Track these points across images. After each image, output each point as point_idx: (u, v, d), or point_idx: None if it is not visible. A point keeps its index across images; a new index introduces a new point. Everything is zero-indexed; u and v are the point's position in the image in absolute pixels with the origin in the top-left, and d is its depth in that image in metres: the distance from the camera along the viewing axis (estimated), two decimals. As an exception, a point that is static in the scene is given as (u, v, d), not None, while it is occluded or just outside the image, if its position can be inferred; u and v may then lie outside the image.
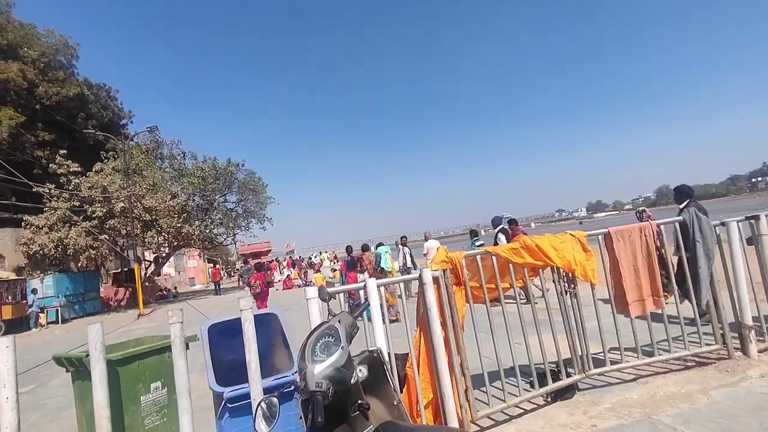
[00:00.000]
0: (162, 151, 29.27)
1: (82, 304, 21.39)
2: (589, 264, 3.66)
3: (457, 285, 3.39)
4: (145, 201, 22.51)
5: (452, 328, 3.24)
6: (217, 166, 27.97)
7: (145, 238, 24.32)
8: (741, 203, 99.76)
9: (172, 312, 2.73)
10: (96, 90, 30.10)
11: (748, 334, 3.83)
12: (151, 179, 23.72)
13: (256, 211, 31.31)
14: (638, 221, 8.48)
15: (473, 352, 3.55)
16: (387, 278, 9.63)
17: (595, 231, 3.95)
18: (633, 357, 3.95)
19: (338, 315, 2.08)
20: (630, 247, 3.74)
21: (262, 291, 12.69)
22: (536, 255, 3.52)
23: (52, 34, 27.75)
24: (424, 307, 3.15)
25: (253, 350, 2.76)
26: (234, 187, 30.13)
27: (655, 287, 3.72)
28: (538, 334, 3.68)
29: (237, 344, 3.21)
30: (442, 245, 12.25)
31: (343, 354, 1.85)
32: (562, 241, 3.63)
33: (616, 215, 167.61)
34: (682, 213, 3.99)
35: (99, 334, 2.50)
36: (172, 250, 27.91)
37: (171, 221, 23.70)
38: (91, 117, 27.93)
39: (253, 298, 12.83)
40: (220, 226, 29.38)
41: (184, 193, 26.06)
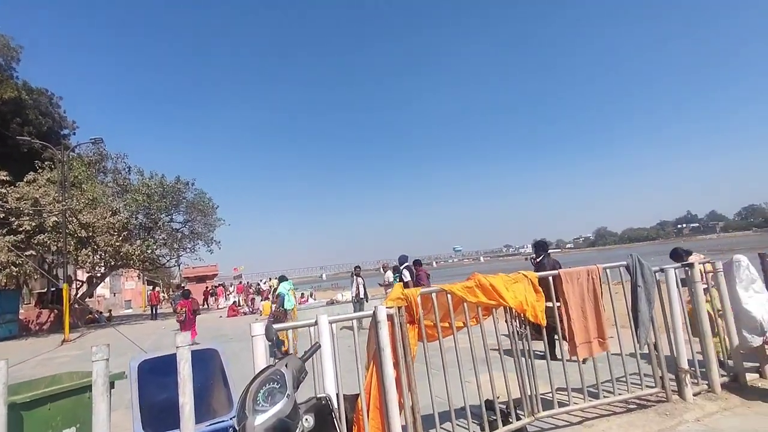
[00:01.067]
0: (106, 165, 27.61)
1: (-6, 327, 19.18)
2: (539, 305, 3.71)
3: (411, 323, 3.31)
4: (82, 216, 20.92)
5: (405, 368, 3.13)
6: (165, 184, 26.67)
7: (78, 257, 22.44)
8: (669, 247, 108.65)
9: (97, 347, 2.43)
10: (36, 95, 28.15)
11: (684, 377, 4.00)
12: (91, 193, 22.17)
13: (204, 233, 29.98)
14: (532, 265, 9.14)
15: (424, 391, 3.46)
16: (288, 322, 9.77)
17: (546, 272, 4.05)
18: (580, 398, 4.01)
19: (286, 358, 1.92)
20: (578, 288, 3.84)
21: (187, 318, 12.57)
22: (490, 294, 3.52)
23: (-9, 34, 25.96)
24: (377, 346, 3.03)
25: (187, 392, 2.51)
26: (182, 207, 28.78)
27: (601, 329, 3.83)
28: (489, 372, 3.66)
29: (170, 383, 2.91)
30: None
31: (288, 403, 1.69)
32: (515, 281, 3.68)
33: (559, 253, 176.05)
34: (626, 258, 4.18)
35: (1, 374, 2.16)
36: (108, 270, 25.93)
37: (109, 239, 22.10)
38: (28, 123, 25.96)
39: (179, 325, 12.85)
40: (164, 246, 27.75)
41: (127, 210, 24.53)
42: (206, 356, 3.29)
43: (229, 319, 19.97)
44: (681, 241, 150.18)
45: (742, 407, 3.94)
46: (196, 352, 3.07)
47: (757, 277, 4.52)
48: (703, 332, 4.23)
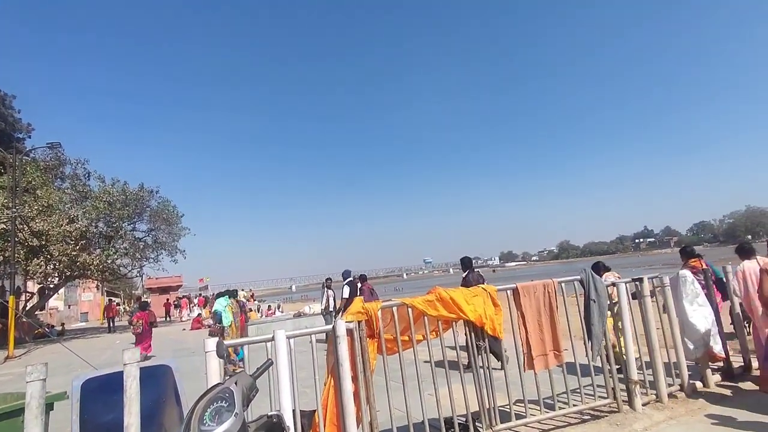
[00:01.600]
0: (64, 170, 26.40)
1: (-69, 343, 17.78)
2: (498, 318, 3.80)
3: (371, 337, 3.31)
4: (35, 224, 19.84)
5: (364, 382, 3.12)
6: (128, 191, 25.72)
7: (28, 267, 21.21)
8: (628, 260, 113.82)
9: (32, 366, 2.31)
10: (-11, 96, 26.84)
11: (634, 388, 4.16)
12: (46, 200, 21.10)
13: (168, 243, 28.99)
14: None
15: (383, 405, 3.46)
16: (231, 339, 9.79)
17: (504, 286, 4.15)
18: (536, 410, 4.10)
19: (236, 375, 1.89)
20: (535, 302, 3.95)
21: (144, 331, 12.39)
22: (450, 308, 3.58)
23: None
24: (336, 361, 3.01)
25: (134, 412, 2.41)
26: (145, 215, 27.80)
27: (556, 342, 3.94)
28: (448, 386, 3.70)
29: (117, 402, 2.79)
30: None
31: (236, 422, 1.66)
32: (475, 294, 3.75)
33: (524, 265, 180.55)
34: (580, 273, 4.34)
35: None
36: (63, 280, 24.62)
37: (65, 248, 21.02)
38: (-21, 125, 24.68)
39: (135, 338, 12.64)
40: (125, 256, 26.63)
41: (86, 218, 23.46)
42: (158, 373, 3.17)
43: (193, 332, 19.32)
44: (638, 255, 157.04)
45: (687, 415, 4.13)
46: (147, 369, 2.97)
47: (700, 292, 4.78)
48: (652, 344, 4.42)
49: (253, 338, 2.97)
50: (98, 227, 25.25)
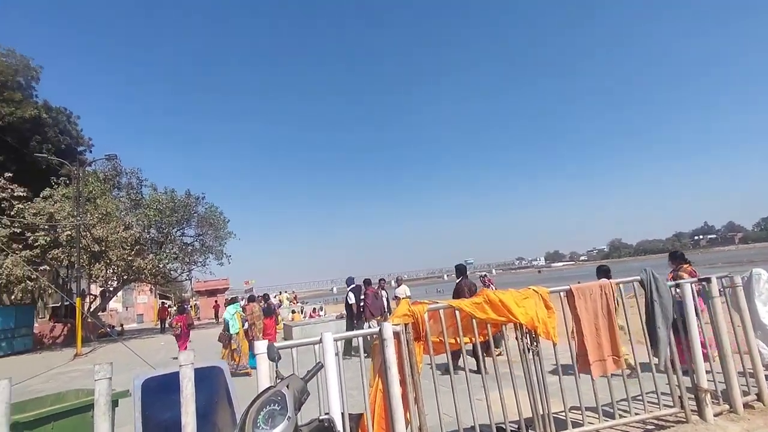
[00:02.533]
0: (120, 180, 28.11)
1: (10, 341, 19.38)
2: (551, 322, 3.62)
3: (417, 340, 3.24)
4: (96, 231, 21.24)
5: (412, 386, 3.06)
6: (175, 198, 27.01)
7: (91, 271, 22.73)
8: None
9: (99, 365, 2.41)
10: (55, 114, 28.92)
11: (704, 397, 3.84)
12: (105, 208, 22.55)
13: (215, 247, 30.16)
14: (483, 285, 9.31)
15: (432, 408, 3.37)
16: (233, 346, 9.97)
17: (557, 287, 3.95)
18: (594, 418, 3.87)
19: (287, 378, 1.88)
20: (591, 305, 3.73)
21: (182, 332, 13.17)
22: (499, 311, 3.44)
23: (12, 54, 26.81)
24: (384, 364, 2.97)
25: (190, 411, 2.47)
26: (192, 221, 29.07)
27: (615, 347, 3.70)
28: (499, 390, 3.56)
29: (175, 401, 2.88)
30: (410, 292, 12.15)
31: (289, 425, 1.65)
32: (525, 296, 3.59)
33: (572, 265, 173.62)
34: (640, 273, 4.07)
35: (4, 393, 2.15)
36: (121, 284, 26.20)
37: (122, 253, 22.36)
38: (47, 141, 26.64)
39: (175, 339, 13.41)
40: (175, 260, 27.98)
41: (139, 225, 24.85)
42: (211, 374, 3.25)
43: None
44: (698, 253, 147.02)
45: (766, 428, 3.77)
46: (200, 370, 3.04)
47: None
48: (724, 349, 4.07)
49: (301, 341, 2.97)
50: (150, 233, 26.66)
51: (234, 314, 10.68)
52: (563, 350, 3.92)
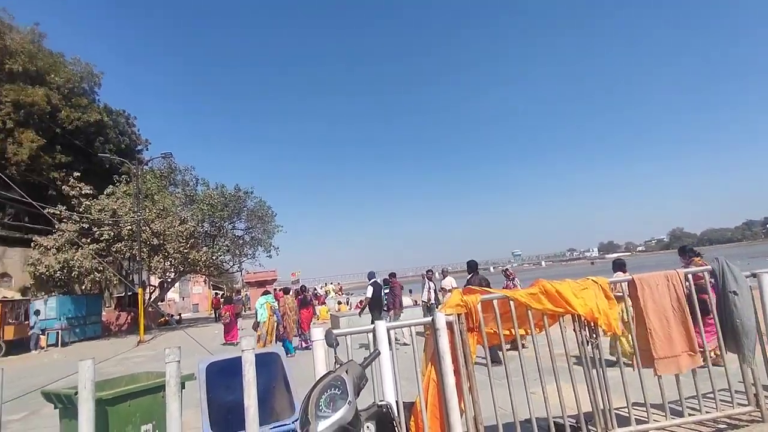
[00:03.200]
0: (175, 177, 29.70)
1: (83, 328, 21.11)
2: (612, 313, 3.44)
3: (471, 330, 3.19)
4: (154, 225, 22.61)
5: (466, 377, 3.02)
6: (226, 193, 28.19)
7: (151, 263, 24.24)
8: (757, 249, 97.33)
9: (169, 349, 2.56)
10: (115, 116, 30.95)
11: (785, 395, 3.53)
12: (162, 204, 23.93)
13: (264, 240, 31.25)
14: (505, 279, 8.90)
15: (486, 401, 3.32)
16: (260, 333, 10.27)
17: (617, 278, 3.76)
18: (660, 415, 3.66)
19: (346, 364, 1.89)
20: (658, 296, 3.51)
21: (231, 321, 14.58)
22: (557, 301, 3.32)
23: (78, 63, 28.88)
24: (437, 354, 2.95)
25: (252, 395, 2.57)
26: (243, 215, 30.25)
27: (691, 341, 3.46)
28: (556, 383, 3.44)
29: (236, 384, 3.01)
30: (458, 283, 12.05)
31: (350, 410, 1.66)
32: (584, 287, 3.44)
33: (629, 256, 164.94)
34: (711, 262, 3.78)
35: (90, 372, 2.33)
36: (177, 275, 27.75)
37: (178, 246, 23.67)
38: (109, 142, 28.58)
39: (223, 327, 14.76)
40: (227, 253, 29.28)
41: (194, 219, 26.18)
42: (269, 360, 3.37)
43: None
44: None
45: None
46: (259, 356, 3.15)
47: None
48: (808, 345, 3.72)
49: (356, 329, 3.01)
50: (204, 227, 28.01)
51: (263, 304, 11.27)
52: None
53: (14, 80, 24.03)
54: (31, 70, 24.75)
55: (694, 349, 3.46)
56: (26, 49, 24.70)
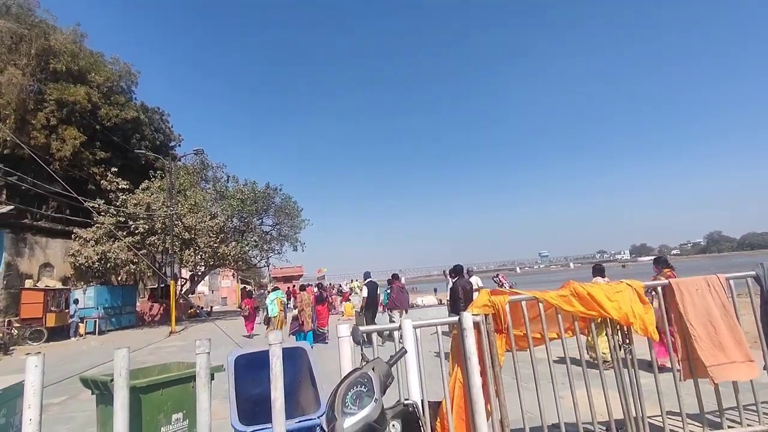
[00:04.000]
0: (207, 173, 30.51)
1: (118, 317, 22.02)
2: (648, 318, 3.31)
3: (499, 332, 3.13)
4: (186, 220, 23.28)
5: (493, 379, 2.97)
6: (256, 190, 28.76)
7: (183, 256, 25.00)
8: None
9: (200, 341, 2.62)
10: (150, 114, 32.03)
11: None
12: (194, 199, 24.62)
13: (290, 235, 31.74)
14: (497, 286, 8.73)
15: (514, 404, 3.25)
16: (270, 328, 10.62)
17: (653, 282, 3.62)
18: (698, 427, 3.51)
19: (372, 362, 1.89)
20: (699, 301, 3.35)
21: (250, 314, 15.62)
22: (589, 304, 3.22)
23: (117, 62, 30.01)
24: (464, 355, 2.91)
25: (279, 388, 2.60)
26: (271, 211, 30.80)
27: (743, 349, 3.28)
28: (586, 388, 3.34)
29: (263, 377, 3.06)
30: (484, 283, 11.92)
31: (376, 407, 1.66)
32: (618, 290, 3.32)
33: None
34: (755, 268, 3.58)
35: (125, 360, 2.41)
36: (208, 269, 28.54)
37: (209, 241, 24.31)
38: (144, 138, 29.61)
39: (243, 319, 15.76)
40: (255, 248, 29.89)
41: (224, 214, 26.82)
42: (295, 354, 3.41)
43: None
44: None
45: None
46: (286, 350, 3.18)
47: None
48: None
49: (381, 326, 3.00)
50: (233, 222, 28.68)
51: (273, 300, 11.85)
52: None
53: (57, 79, 25.17)
54: (73, 69, 25.87)
55: (749, 357, 3.28)
56: (69, 49, 25.81)
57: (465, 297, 8.19)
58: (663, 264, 6.99)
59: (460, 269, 9.00)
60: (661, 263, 7.04)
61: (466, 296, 8.21)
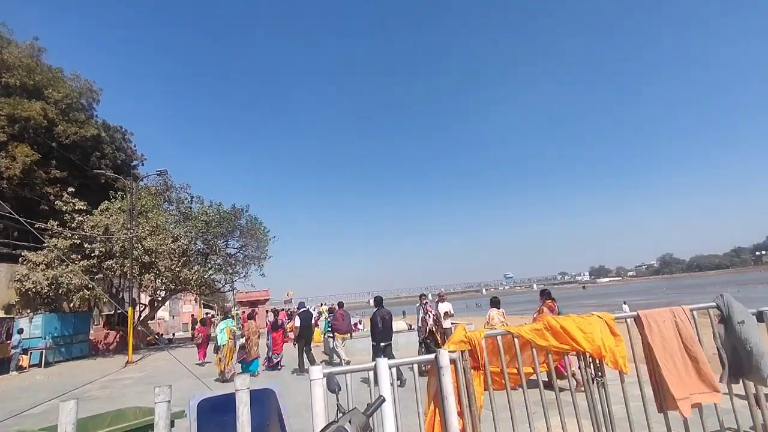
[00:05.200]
0: (170, 194, 29.50)
1: (69, 347, 20.55)
2: (619, 351, 3.35)
3: (476, 369, 3.08)
4: (146, 242, 22.31)
5: (470, 419, 2.89)
6: (222, 211, 27.98)
7: (142, 281, 23.83)
8: (746, 276, 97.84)
9: (159, 388, 2.42)
10: (112, 132, 30.89)
11: (797, 438, 3.43)
12: (155, 221, 23.67)
13: (257, 256, 30.88)
14: (421, 314, 9.63)
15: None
16: (218, 356, 11.28)
17: (623, 314, 3.69)
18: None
19: (349, 413, 1.80)
20: (667, 332, 3.43)
21: (203, 341, 16.25)
22: (561, 338, 3.23)
23: (77, 78, 28.93)
24: (441, 394, 2.83)
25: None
26: (236, 233, 29.96)
27: (708, 378, 3.36)
28: (560, 420, 3.33)
29: (228, 422, 2.85)
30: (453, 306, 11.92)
31: None
32: (590, 323, 3.35)
33: (619, 281, 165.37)
34: (716, 299, 3.73)
35: (71, 415, 2.18)
36: (169, 293, 27.29)
37: (170, 264, 23.33)
38: (105, 157, 28.44)
39: (196, 347, 16.41)
40: (219, 272, 28.90)
41: (187, 237, 25.90)
42: (263, 396, 3.22)
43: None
44: (760, 270, 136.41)
45: None
46: (253, 392, 3.00)
47: None
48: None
49: (355, 367, 2.88)
50: (197, 245, 27.70)
51: (223, 329, 11.79)
52: (631, 380, 3.64)
53: (10, 94, 24.00)
54: (28, 85, 24.74)
55: (715, 388, 3.36)
56: (24, 63, 24.75)
57: (383, 326, 9.18)
58: (547, 296, 7.77)
59: (380, 300, 10.04)
60: (545, 295, 7.76)
61: (384, 325, 9.20)
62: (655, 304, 6.98)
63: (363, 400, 2.21)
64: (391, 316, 9.53)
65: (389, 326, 9.30)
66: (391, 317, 9.54)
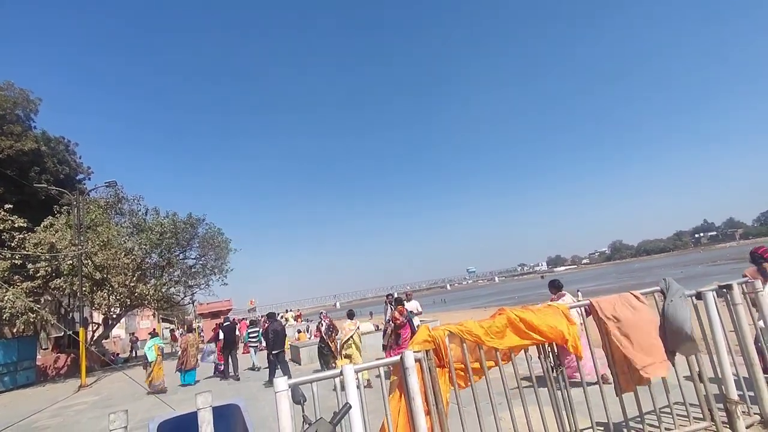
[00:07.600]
0: (122, 207, 28.05)
1: (13, 375, 19.10)
2: (576, 335, 3.52)
3: (441, 367, 3.13)
4: (96, 258, 21.11)
5: (437, 417, 2.94)
6: (177, 221, 26.90)
7: (94, 299, 22.52)
8: (688, 257, 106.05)
9: (114, 414, 2.31)
10: (54, 144, 28.98)
11: (735, 409, 3.72)
12: (106, 235, 22.44)
13: (217, 266, 29.88)
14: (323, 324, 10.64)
15: (456, 428, 3.27)
16: (147, 371, 12.53)
17: (577, 303, 3.88)
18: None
19: (315, 424, 1.80)
20: (621, 313, 3.65)
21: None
22: (523, 334, 3.33)
23: (11, 88, 26.92)
24: (407, 395, 2.86)
25: (210, 457, 2.36)
26: (194, 243, 28.89)
27: (660, 350, 3.61)
28: (523, 407, 3.46)
29: (191, 442, 2.77)
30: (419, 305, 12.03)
31: None
32: (551, 314, 3.50)
33: (575, 269, 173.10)
34: (660, 282, 3.99)
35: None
36: (124, 310, 25.94)
37: (124, 280, 22.20)
38: (46, 171, 26.62)
39: None
40: (177, 284, 27.77)
41: (141, 250, 24.72)
42: (227, 413, 3.13)
43: (244, 356, 19.63)
44: (699, 251, 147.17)
45: (802, 438, 3.65)
46: (216, 409, 2.93)
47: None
48: (750, 357, 3.96)
49: (321, 375, 2.87)
50: (152, 258, 26.50)
51: (151, 347, 12.87)
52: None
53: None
54: (-48, 96, 22.86)
55: (664, 357, 3.61)
56: (-52, 73, 22.83)
57: (275, 339, 10.62)
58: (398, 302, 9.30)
59: (273, 315, 11.88)
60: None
61: (276, 338, 10.64)
62: (607, 290, 7.35)
63: (331, 407, 2.21)
64: (284, 328, 11.61)
65: (281, 338, 10.94)
66: (284, 329, 11.59)
